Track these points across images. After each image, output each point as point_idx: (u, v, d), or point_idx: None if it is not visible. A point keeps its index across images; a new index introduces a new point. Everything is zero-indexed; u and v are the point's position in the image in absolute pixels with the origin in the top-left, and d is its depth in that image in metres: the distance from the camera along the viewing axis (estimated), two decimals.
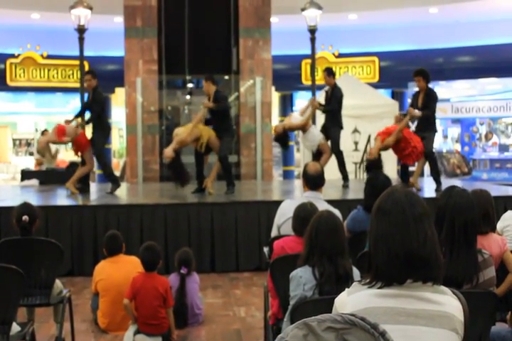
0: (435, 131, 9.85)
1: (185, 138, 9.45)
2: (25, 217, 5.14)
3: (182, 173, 9.58)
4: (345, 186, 10.63)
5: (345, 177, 10.78)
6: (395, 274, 2.18)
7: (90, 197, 10.04)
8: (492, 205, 4.39)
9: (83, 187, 10.21)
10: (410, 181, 10.01)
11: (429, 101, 9.53)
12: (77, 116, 10.12)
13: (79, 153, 10.20)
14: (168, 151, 9.38)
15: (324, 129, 10.58)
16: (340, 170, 10.73)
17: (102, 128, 10.12)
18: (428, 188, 10.19)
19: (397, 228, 2.21)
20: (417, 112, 9.47)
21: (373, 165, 9.18)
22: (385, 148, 9.74)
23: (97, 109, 9.99)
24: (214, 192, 9.70)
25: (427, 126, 9.69)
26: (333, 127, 10.50)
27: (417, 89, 9.81)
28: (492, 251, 3.80)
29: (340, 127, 10.59)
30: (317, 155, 10.60)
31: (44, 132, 14.99)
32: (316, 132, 10.51)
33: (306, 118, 10.48)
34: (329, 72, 10.71)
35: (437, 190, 9.62)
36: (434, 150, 10.01)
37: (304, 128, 10.57)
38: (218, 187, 9.99)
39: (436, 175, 9.87)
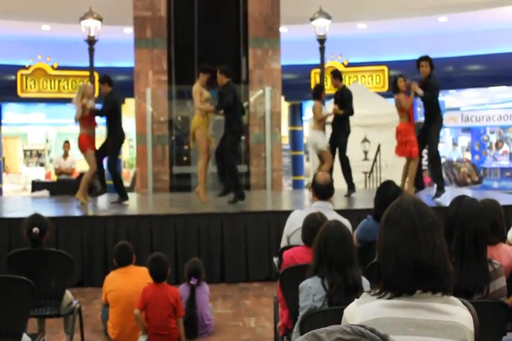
0: (439, 121, 9.70)
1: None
2: (35, 229, 5.15)
3: None
4: (348, 195, 10.50)
5: (350, 185, 10.65)
6: (404, 284, 2.17)
7: (100, 207, 10.06)
8: (501, 215, 4.36)
9: (102, 189, 10.33)
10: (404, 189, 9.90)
11: (428, 89, 9.52)
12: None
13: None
14: None
15: (332, 137, 10.55)
16: (345, 178, 10.61)
17: (115, 135, 10.12)
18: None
19: (406, 238, 2.20)
20: (419, 91, 9.51)
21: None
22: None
23: (104, 110, 10.06)
24: (207, 200, 9.71)
25: (430, 116, 9.64)
26: (340, 133, 10.47)
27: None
28: (502, 261, 3.76)
29: (348, 132, 10.51)
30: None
31: (65, 143, 15.09)
32: (320, 138, 10.47)
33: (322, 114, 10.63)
34: (335, 75, 10.70)
35: (436, 195, 9.49)
36: (440, 154, 9.87)
37: (317, 119, 10.58)
38: (227, 197, 9.97)
39: (437, 179, 9.76)
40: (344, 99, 10.49)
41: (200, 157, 9.79)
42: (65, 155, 14.74)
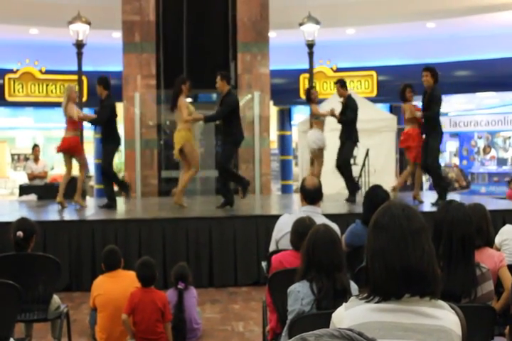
0: (438, 132, 9.68)
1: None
2: (19, 233, 5.12)
3: None
4: (348, 200, 10.49)
5: (351, 191, 10.65)
6: (393, 289, 2.17)
7: (88, 211, 10.02)
8: (486, 220, 4.37)
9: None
10: (413, 194, 10.20)
11: (431, 102, 9.53)
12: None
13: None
14: None
15: (340, 143, 10.57)
16: (346, 185, 10.66)
17: (110, 140, 10.09)
18: (427, 202, 10.16)
19: (394, 243, 2.20)
20: (418, 114, 9.63)
21: None
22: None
23: (100, 118, 10.05)
24: (188, 205, 9.80)
25: (429, 128, 9.69)
26: (347, 140, 10.49)
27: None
28: (486, 265, 3.77)
29: (355, 141, 10.50)
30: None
31: (35, 147, 15.01)
32: (320, 136, 10.53)
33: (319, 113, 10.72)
34: (342, 84, 10.74)
35: (435, 203, 9.51)
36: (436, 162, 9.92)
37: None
38: (216, 201, 9.96)
39: (438, 188, 9.84)
40: (349, 108, 10.53)
41: (192, 168, 9.77)
42: (36, 160, 14.67)
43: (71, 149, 9.91)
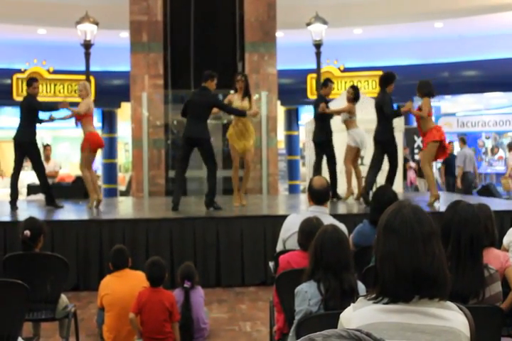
0: None
1: None
2: (26, 232, 5.14)
3: None
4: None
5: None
6: (402, 292, 2.17)
7: (96, 211, 10.04)
8: (491, 220, 4.37)
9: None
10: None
11: None
12: None
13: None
14: None
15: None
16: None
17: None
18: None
19: (405, 247, 2.19)
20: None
21: None
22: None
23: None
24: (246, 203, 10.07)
25: None
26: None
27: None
28: (492, 266, 3.76)
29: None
30: None
31: (46, 147, 15.06)
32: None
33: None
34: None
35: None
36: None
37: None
38: (223, 201, 9.96)
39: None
40: None
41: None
42: (47, 159, 14.69)
43: (101, 144, 10.33)
